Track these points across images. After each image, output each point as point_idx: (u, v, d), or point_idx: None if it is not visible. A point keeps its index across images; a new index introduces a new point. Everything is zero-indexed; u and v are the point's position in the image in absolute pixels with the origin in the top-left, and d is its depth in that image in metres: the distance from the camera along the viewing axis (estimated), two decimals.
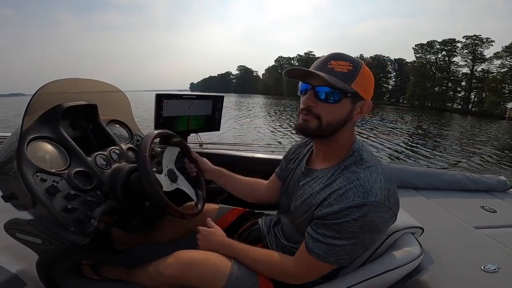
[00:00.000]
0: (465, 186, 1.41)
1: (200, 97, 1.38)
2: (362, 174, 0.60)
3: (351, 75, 0.59)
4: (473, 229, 1.01)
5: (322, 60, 0.62)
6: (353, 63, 0.60)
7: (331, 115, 0.62)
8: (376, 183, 0.58)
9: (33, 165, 0.67)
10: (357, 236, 0.58)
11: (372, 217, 0.57)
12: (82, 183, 0.75)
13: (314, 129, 0.63)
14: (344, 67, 0.59)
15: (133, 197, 0.84)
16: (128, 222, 1.10)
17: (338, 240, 0.59)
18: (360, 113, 0.64)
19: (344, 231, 0.58)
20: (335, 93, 0.59)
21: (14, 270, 0.84)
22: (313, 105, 0.62)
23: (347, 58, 0.61)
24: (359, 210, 0.56)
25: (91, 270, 1.06)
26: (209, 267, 0.74)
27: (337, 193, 0.60)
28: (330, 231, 0.59)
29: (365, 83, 0.61)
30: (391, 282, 0.69)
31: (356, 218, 0.56)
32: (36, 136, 0.75)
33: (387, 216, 0.59)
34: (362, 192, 0.57)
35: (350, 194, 0.58)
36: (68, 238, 0.65)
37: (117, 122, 1.10)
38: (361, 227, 0.57)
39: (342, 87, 0.59)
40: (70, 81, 0.93)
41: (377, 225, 0.58)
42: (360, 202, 0.56)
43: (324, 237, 0.60)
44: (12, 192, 0.70)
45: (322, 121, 0.62)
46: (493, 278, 0.73)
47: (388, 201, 0.58)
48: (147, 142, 0.77)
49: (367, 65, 0.63)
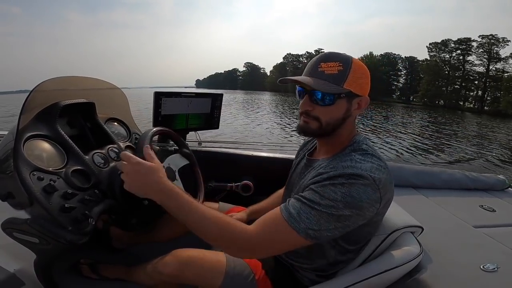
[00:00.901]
0: (464, 185, 1.41)
1: (199, 95, 1.37)
2: (357, 157, 0.61)
3: (342, 75, 0.60)
4: (472, 228, 1.01)
5: (313, 63, 0.63)
6: (343, 63, 0.60)
7: (329, 116, 0.63)
8: (368, 164, 0.58)
9: (30, 164, 0.67)
10: (338, 205, 0.54)
11: (357, 189, 0.55)
12: (80, 181, 0.74)
13: (315, 129, 0.65)
14: (334, 68, 0.60)
15: (131, 196, 0.84)
16: (126, 221, 1.10)
17: (317, 205, 0.55)
18: (358, 109, 0.65)
19: (326, 196, 0.55)
20: (328, 96, 0.61)
21: (12, 270, 0.84)
22: (310, 108, 0.64)
23: (336, 57, 0.61)
24: (349, 178, 0.56)
25: (90, 269, 1.05)
26: (207, 265, 0.74)
27: (329, 167, 0.61)
28: (313, 194, 0.57)
29: (358, 79, 0.61)
30: (390, 281, 0.69)
31: (342, 183, 0.55)
32: (33, 134, 0.74)
33: (373, 196, 0.56)
34: (352, 166, 0.58)
35: (340, 166, 0.59)
36: (66, 237, 0.65)
37: (115, 120, 1.09)
38: (345, 195, 0.54)
39: (332, 91, 0.59)
40: (67, 79, 0.92)
41: (360, 200, 0.55)
42: (349, 172, 0.56)
43: (304, 198, 0.57)
44: (9, 191, 0.69)
45: (321, 122, 0.64)
46: (492, 278, 0.73)
47: (379, 182, 0.57)
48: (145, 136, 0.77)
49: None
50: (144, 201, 0.89)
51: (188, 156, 0.97)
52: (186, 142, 1.00)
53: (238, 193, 1.34)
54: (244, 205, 1.07)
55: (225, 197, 1.34)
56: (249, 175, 1.35)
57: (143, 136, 0.79)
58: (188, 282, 0.74)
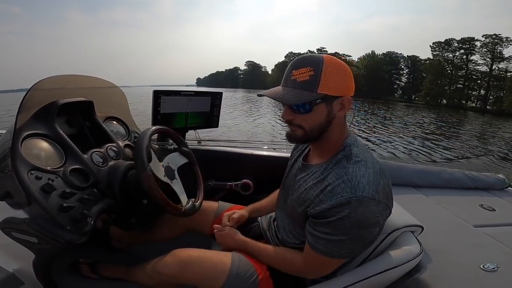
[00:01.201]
0: (464, 184, 1.41)
1: (198, 93, 1.37)
2: (351, 169, 0.60)
3: (314, 80, 0.58)
4: (472, 227, 1.01)
5: (287, 71, 0.62)
6: (313, 67, 0.58)
7: (311, 123, 0.63)
8: (364, 178, 0.58)
9: (28, 163, 0.66)
10: (352, 231, 0.58)
11: (362, 212, 0.57)
12: (78, 181, 0.74)
13: (302, 137, 0.65)
14: (305, 74, 0.59)
15: (130, 195, 0.83)
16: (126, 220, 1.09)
17: (336, 236, 0.60)
18: (342, 110, 0.63)
19: (338, 228, 0.59)
20: (303, 105, 0.61)
21: (11, 269, 0.84)
22: (291, 118, 0.64)
23: (307, 62, 0.59)
24: (348, 206, 0.57)
25: (89, 269, 1.05)
26: (207, 266, 0.74)
27: (327, 190, 0.61)
28: (326, 228, 0.60)
29: (333, 81, 0.59)
30: (390, 281, 0.69)
31: (346, 214, 0.57)
32: (30, 133, 0.73)
33: (379, 209, 0.59)
34: (350, 188, 0.57)
35: (339, 190, 0.58)
36: (64, 237, 0.64)
37: (114, 119, 1.08)
38: (354, 222, 0.57)
39: (307, 100, 0.59)
40: (65, 78, 0.92)
41: (369, 219, 0.58)
42: (347, 198, 0.57)
43: (322, 233, 0.61)
44: (7, 190, 0.69)
45: (305, 129, 0.64)
46: (492, 277, 0.73)
47: (378, 194, 0.58)
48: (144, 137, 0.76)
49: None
50: (143, 200, 0.89)
51: (187, 155, 0.96)
52: (185, 141, 0.99)
53: (237, 192, 1.34)
54: (244, 204, 1.07)
55: (224, 196, 1.33)
56: (248, 174, 1.34)
57: (142, 135, 0.78)
58: (188, 282, 0.74)
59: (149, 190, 0.72)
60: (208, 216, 0.99)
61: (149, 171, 0.72)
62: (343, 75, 0.60)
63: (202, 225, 0.99)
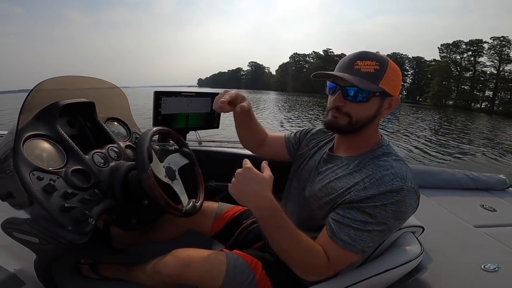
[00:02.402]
0: (465, 184, 1.41)
1: (199, 94, 1.37)
2: (395, 164, 0.61)
3: (379, 74, 0.60)
4: (473, 228, 1.01)
5: (348, 60, 0.62)
6: (379, 62, 0.60)
7: (360, 113, 0.63)
8: (409, 173, 0.60)
9: (30, 164, 0.66)
10: (388, 221, 0.58)
11: (407, 203, 0.57)
12: (80, 181, 0.74)
13: (344, 125, 0.65)
14: (370, 67, 0.60)
15: (131, 196, 0.83)
16: (127, 221, 1.10)
17: (370, 225, 0.57)
18: (388, 109, 0.65)
19: (378, 215, 0.57)
20: (363, 93, 0.61)
21: (12, 270, 0.84)
22: (342, 104, 0.63)
23: (373, 57, 0.61)
24: (398, 194, 0.57)
25: (90, 269, 1.05)
26: (206, 265, 0.74)
27: (372, 178, 0.60)
28: (363, 215, 0.58)
29: (392, 80, 0.61)
30: (391, 281, 0.69)
31: (393, 202, 0.57)
32: (32, 134, 0.73)
33: (415, 204, 0.60)
34: (400, 178, 0.58)
35: (388, 179, 0.58)
36: (66, 237, 0.64)
37: (115, 120, 1.09)
38: (395, 212, 0.57)
39: (369, 88, 0.59)
40: (67, 79, 0.92)
41: (407, 212, 0.59)
42: (399, 187, 0.57)
43: (354, 221, 0.58)
44: (8, 190, 0.69)
45: (352, 118, 0.63)
46: (493, 277, 0.73)
47: (417, 190, 0.60)
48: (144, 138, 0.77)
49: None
50: (144, 201, 0.89)
51: (187, 155, 0.97)
52: (186, 142, 0.99)
53: None
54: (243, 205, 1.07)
55: (225, 197, 1.33)
56: None
57: (143, 136, 0.78)
58: (188, 282, 0.74)
59: (149, 191, 0.72)
60: (208, 217, 0.99)
61: (150, 172, 0.73)
62: (399, 79, 0.63)
63: (202, 226, 0.99)
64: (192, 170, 0.97)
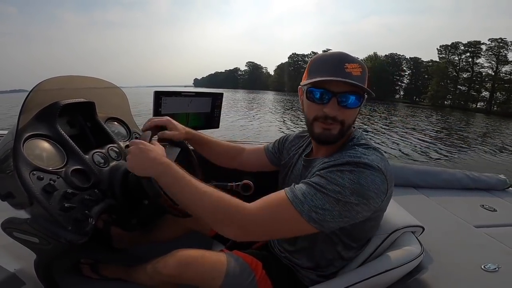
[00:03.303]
0: (465, 184, 1.41)
1: (199, 94, 1.37)
2: (361, 150, 0.61)
3: (363, 77, 0.61)
4: (473, 228, 1.01)
5: (335, 63, 0.59)
6: (360, 65, 0.61)
7: (351, 119, 0.64)
8: (373, 156, 0.59)
9: (30, 164, 0.66)
10: (345, 192, 0.53)
11: (366, 178, 0.54)
12: (80, 181, 0.74)
13: (337, 135, 0.63)
14: (357, 70, 0.59)
15: (131, 196, 0.83)
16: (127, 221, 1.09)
17: (324, 189, 0.53)
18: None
19: (334, 181, 0.54)
20: (358, 99, 0.60)
21: (12, 269, 0.84)
22: (338, 113, 0.61)
23: (355, 59, 0.61)
24: (356, 166, 0.55)
25: (90, 269, 1.06)
26: (207, 265, 0.74)
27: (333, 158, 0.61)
28: (319, 179, 0.56)
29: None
30: (391, 281, 0.69)
31: (350, 170, 0.55)
32: (32, 134, 0.74)
33: (381, 187, 0.55)
34: (359, 156, 0.57)
35: (346, 155, 0.59)
36: (66, 237, 0.64)
37: (115, 120, 1.09)
38: (352, 182, 0.53)
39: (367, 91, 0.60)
40: (67, 79, 0.92)
41: (368, 189, 0.54)
42: (356, 160, 0.56)
43: (310, 181, 0.56)
44: (8, 190, 0.69)
45: (344, 126, 0.63)
46: (493, 278, 0.73)
47: (386, 173, 0.57)
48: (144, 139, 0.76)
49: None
50: (144, 201, 0.89)
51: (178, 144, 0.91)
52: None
53: (238, 193, 1.34)
54: None
55: None
56: (249, 175, 1.34)
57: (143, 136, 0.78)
58: (188, 282, 0.74)
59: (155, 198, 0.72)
60: None
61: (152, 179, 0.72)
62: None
63: (203, 226, 0.99)
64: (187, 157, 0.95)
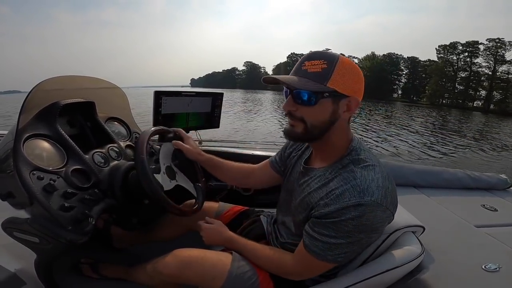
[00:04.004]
0: (465, 184, 1.41)
1: (199, 94, 1.37)
2: (359, 174, 0.59)
3: (326, 74, 0.56)
4: (474, 228, 1.01)
5: (298, 62, 0.61)
6: (327, 60, 0.57)
7: (313, 117, 0.60)
8: (373, 182, 0.57)
9: (30, 163, 0.66)
10: (353, 235, 0.58)
11: (368, 217, 0.56)
12: (80, 181, 0.74)
13: (301, 132, 0.62)
14: (317, 66, 0.57)
15: (131, 195, 0.84)
16: (127, 220, 1.10)
17: (335, 239, 0.59)
18: (347, 111, 0.60)
19: (340, 230, 0.58)
20: (310, 95, 0.58)
21: (13, 269, 0.84)
22: (293, 109, 0.61)
23: (322, 56, 0.58)
24: (355, 209, 0.56)
25: (90, 269, 1.05)
26: (208, 266, 0.74)
27: (334, 193, 0.59)
28: (327, 229, 0.59)
29: (344, 78, 0.57)
30: (392, 281, 0.69)
31: (352, 217, 0.56)
32: (32, 134, 0.74)
33: (384, 215, 0.58)
34: (358, 192, 0.56)
35: (347, 194, 0.57)
36: (66, 237, 0.65)
37: (115, 120, 1.09)
38: (357, 226, 0.57)
39: (314, 90, 0.57)
40: (67, 78, 0.92)
41: (373, 224, 0.57)
42: (356, 202, 0.56)
43: (321, 235, 0.60)
44: (9, 190, 0.69)
45: (307, 124, 0.60)
46: (494, 278, 0.72)
47: (386, 200, 0.57)
48: (143, 141, 0.76)
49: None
50: (144, 201, 0.89)
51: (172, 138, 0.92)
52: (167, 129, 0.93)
53: (238, 192, 1.34)
54: (245, 205, 1.07)
55: (225, 197, 1.33)
56: None
57: (143, 136, 0.78)
58: (189, 282, 0.74)
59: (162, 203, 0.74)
60: (209, 216, 0.98)
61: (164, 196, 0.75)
62: (355, 76, 0.59)
63: None
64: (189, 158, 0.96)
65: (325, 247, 0.60)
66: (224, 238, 0.81)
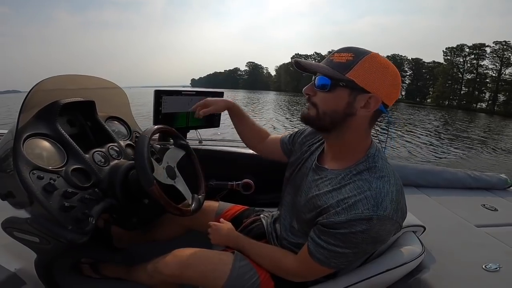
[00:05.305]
0: (466, 184, 1.41)
1: (200, 93, 1.37)
2: (375, 185, 0.56)
3: (349, 65, 0.55)
4: (475, 227, 1.01)
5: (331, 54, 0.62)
6: (355, 54, 0.56)
7: (325, 104, 0.59)
8: (388, 196, 0.55)
9: (30, 163, 0.66)
10: (360, 246, 0.57)
11: (378, 230, 0.55)
12: (80, 180, 0.74)
13: (313, 117, 0.61)
14: (344, 57, 0.57)
15: (132, 195, 0.83)
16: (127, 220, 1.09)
17: (341, 248, 0.58)
18: (364, 108, 0.57)
19: (348, 241, 0.57)
20: (326, 81, 0.57)
21: (13, 269, 0.84)
22: (311, 93, 0.61)
23: (351, 50, 0.57)
24: (367, 223, 0.54)
25: (90, 269, 1.05)
26: (209, 266, 0.73)
27: (346, 202, 0.57)
28: (334, 239, 0.58)
29: (368, 73, 0.55)
30: (392, 281, 0.69)
31: (362, 230, 0.54)
32: (32, 133, 0.73)
33: (393, 228, 0.57)
34: (372, 205, 0.54)
35: (360, 205, 0.55)
36: (66, 236, 0.64)
37: (116, 119, 1.08)
38: (366, 238, 0.56)
39: (332, 75, 0.56)
40: (67, 78, 0.92)
41: (381, 236, 0.57)
42: (368, 216, 0.54)
43: (327, 244, 0.59)
44: (9, 190, 0.69)
45: (318, 109, 0.60)
46: (494, 277, 0.72)
47: (396, 214, 0.56)
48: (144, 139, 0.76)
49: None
50: (144, 200, 0.89)
51: (183, 147, 0.94)
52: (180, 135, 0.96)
53: (238, 192, 1.34)
54: (245, 204, 1.07)
55: (225, 196, 1.33)
56: (249, 174, 1.34)
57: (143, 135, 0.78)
58: (190, 282, 0.74)
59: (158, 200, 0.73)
60: (209, 216, 0.99)
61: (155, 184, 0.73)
62: (384, 76, 0.55)
63: (203, 225, 0.99)
64: (190, 159, 0.96)
65: (330, 255, 0.60)
66: (229, 234, 0.82)
